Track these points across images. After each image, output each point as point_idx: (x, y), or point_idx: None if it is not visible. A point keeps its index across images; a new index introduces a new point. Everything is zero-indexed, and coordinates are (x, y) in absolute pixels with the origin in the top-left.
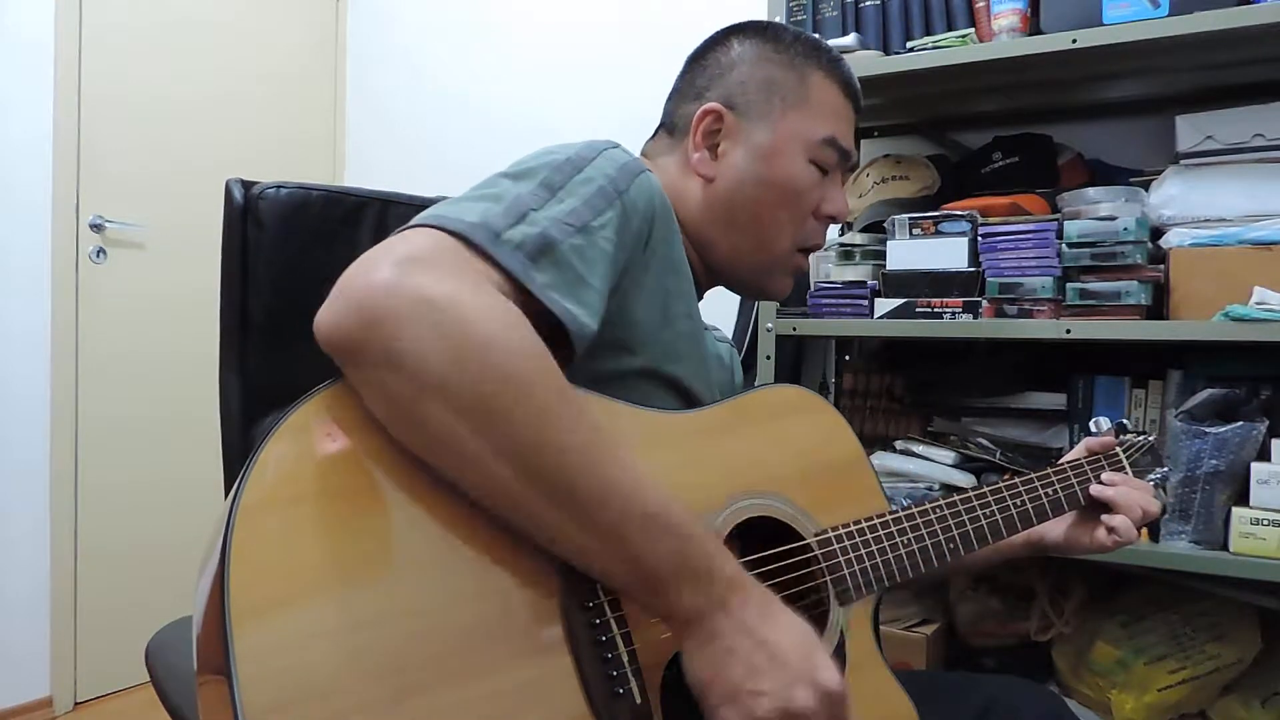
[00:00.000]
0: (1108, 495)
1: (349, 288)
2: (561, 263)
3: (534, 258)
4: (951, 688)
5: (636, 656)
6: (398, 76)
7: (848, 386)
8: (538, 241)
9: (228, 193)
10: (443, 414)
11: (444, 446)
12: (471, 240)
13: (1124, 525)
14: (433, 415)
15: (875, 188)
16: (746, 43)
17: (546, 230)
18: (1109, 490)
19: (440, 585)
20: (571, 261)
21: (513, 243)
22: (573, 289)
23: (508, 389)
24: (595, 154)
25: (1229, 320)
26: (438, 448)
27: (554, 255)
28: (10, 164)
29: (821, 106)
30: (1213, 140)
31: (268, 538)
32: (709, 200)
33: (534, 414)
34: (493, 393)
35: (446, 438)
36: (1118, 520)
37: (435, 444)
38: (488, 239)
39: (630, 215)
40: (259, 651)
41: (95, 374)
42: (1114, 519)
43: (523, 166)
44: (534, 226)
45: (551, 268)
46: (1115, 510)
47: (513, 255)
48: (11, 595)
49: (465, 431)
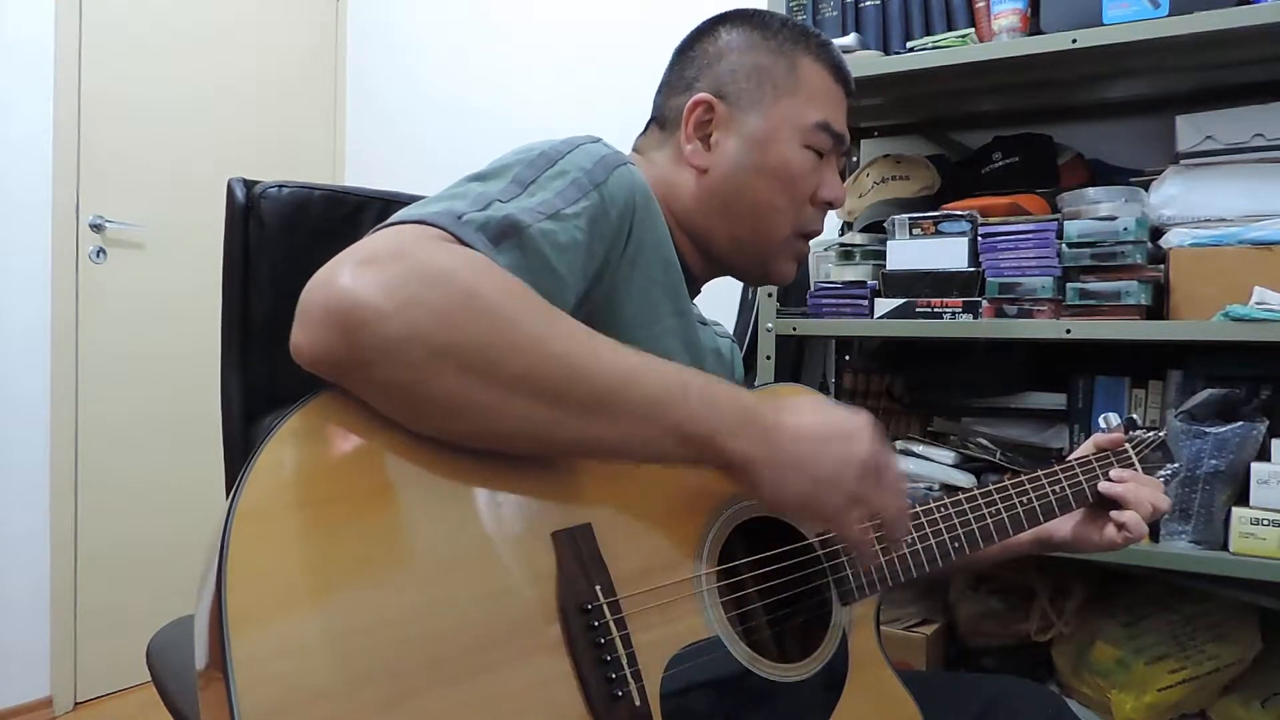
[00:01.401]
0: (1117, 492)
1: (315, 303)
2: (527, 246)
3: (496, 240)
4: (951, 688)
5: (636, 658)
6: (398, 76)
7: (848, 386)
8: (501, 224)
9: (230, 192)
10: (451, 378)
11: (464, 410)
12: (433, 224)
13: (1134, 522)
14: (442, 384)
15: (875, 188)
16: (734, 31)
17: (511, 214)
18: (1118, 487)
19: (438, 588)
20: (538, 246)
21: (475, 224)
22: (538, 274)
23: (501, 327)
24: (571, 148)
25: (1229, 320)
26: (458, 414)
27: (520, 238)
28: (10, 164)
29: (813, 91)
30: (1213, 140)
31: (265, 542)
32: (704, 191)
33: (533, 339)
34: (489, 338)
35: (463, 400)
36: (1128, 517)
37: (454, 412)
38: (449, 221)
39: (608, 207)
40: (256, 656)
41: (95, 374)
42: (1124, 515)
43: (495, 165)
44: (498, 212)
45: (516, 249)
46: (1125, 507)
47: (475, 236)
48: (11, 595)
49: (478, 384)
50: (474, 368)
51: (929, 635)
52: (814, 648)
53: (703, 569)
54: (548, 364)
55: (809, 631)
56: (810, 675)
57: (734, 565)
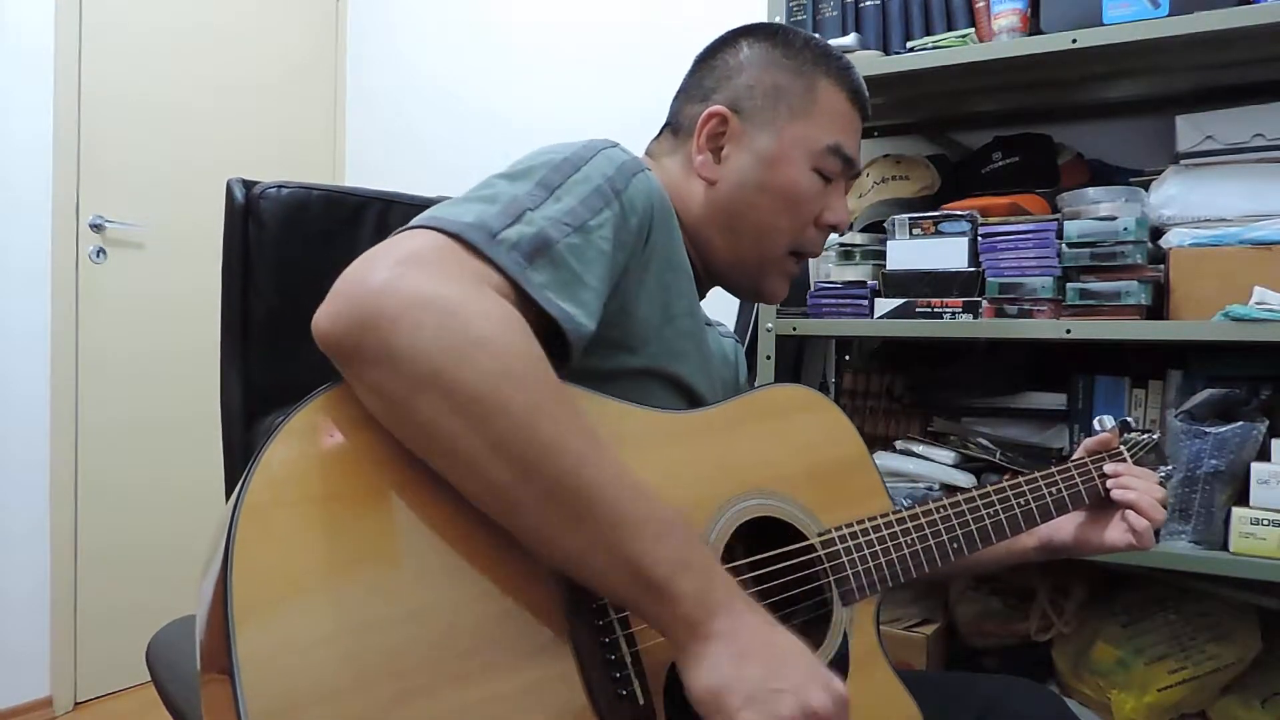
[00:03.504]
0: (1129, 499)
1: (346, 289)
2: (558, 262)
3: (530, 258)
4: (951, 688)
5: (640, 658)
6: (398, 76)
7: (848, 386)
8: (534, 241)
9: (229, 192)
10: (437, 411)
11: (439, 444)
12: (468, 240)
13: (1146, 530)
14: (427, 412)
15: (875, 188)
16: (756, 46)
17: (543, 230)
18: (1130, 494)
19: (443, 587)
20: (568, 261)
21: (509, 242)
22: (569, 289)
23: (502, 386)
24: (593, 153)
25: (1229, 320)
26: (433, 446)
27: (550, 255)
28: (10, 164)
29: (828, 114)
30: (1213, 140)
31: (270, 539)
32: (710, 203)
33: (528, 412)
34: (487, 390)
35: (441, 435)
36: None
37: (430, 442)
38: (484, 239)
39: (629, 214)
40: (261, 653)
41: (95, 374)
42: (1139, 522)
43: (520, 167)
44: (530, 226)
45: (548, 267)
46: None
47: (509, 255)
48: (11, 595)
49: (460, 428)
50: (459, 411)
51: (929, 635)
52: (815, 648)
53: None
54: (534, 439)
55: (810, 631)
56: None
57: (735, 565)
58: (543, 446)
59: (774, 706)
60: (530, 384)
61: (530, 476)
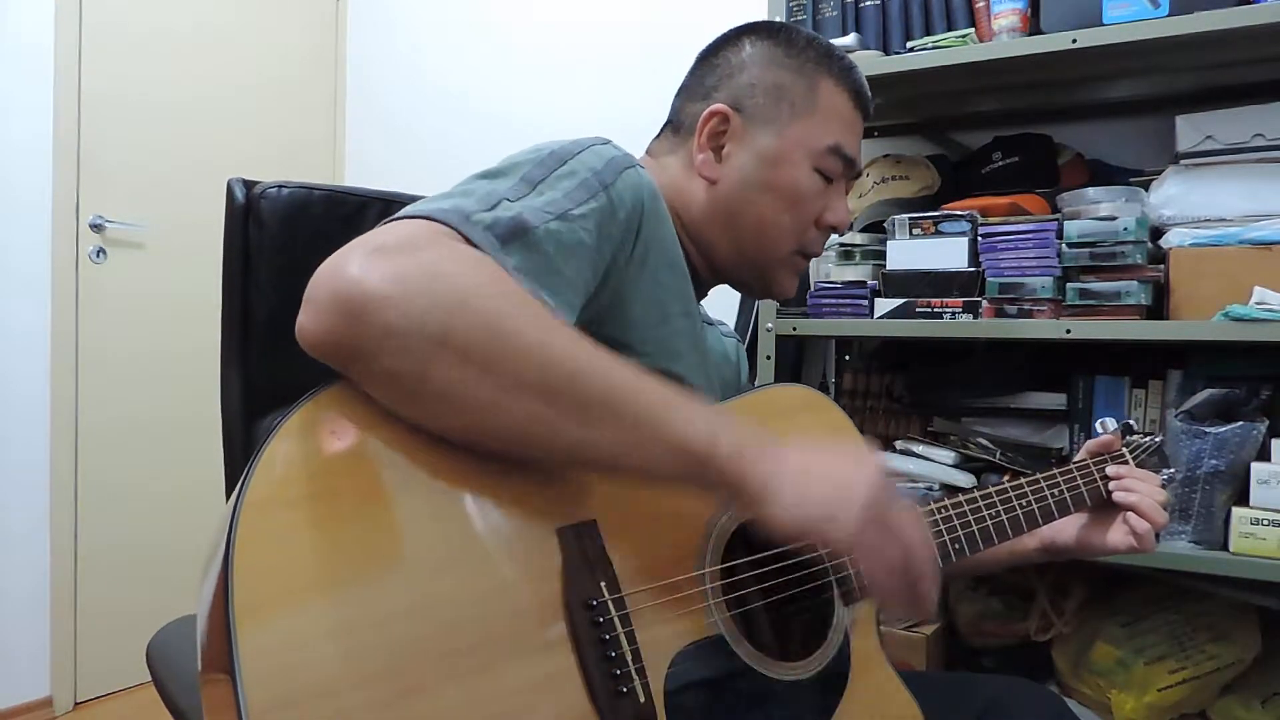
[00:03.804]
0: (1131, 501)
1: (324, 286)
2: (534, 247)
3: (505, 240)
4: (951, 688)
5: (640, 655)
6: (398, 76)
7: (848, 386)
8: (510, 224)
9: (229, 192)
10: (450, 369)
11: (462, 403)
12: (441, 220)
13: (1147, 533)
14: (440, 375)
15: (875, 188)
16: (759, 44)
17: (519, 215)
18: (1132, 496)
19: (445, 583)
20: (545, 248)
21: (483, 224)
22: (544, 276)
23: (504, 323)
24: (581, 149)
25: (1229, 320)
26: (455, 408)
27: (526, 239)
28: (10, 164)
29: (830, 114)
30: (1213, 140)
31: (271, 536)
32: (711, 202)
33: (534, 342)
34: (491, 333)
35: (461, 393)
36: (1144, 528)
37: (451, 405)
38: (458, 219)
39: (616, 208)
40: (262, 650)
41: (95, 374)
42: (1141, 525)
43: (505, 163)
44: (507, 212)
45: (522, 250)
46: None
47: (483, 235)
48: (11, 595)
49: (476, 377)
50: (474, 360)
51: (929, 635)
52: (816, 647)
53: (706, 567)
54: (548, 362)
55: (811, 631)
56: (812, 675)
57: (737, 564)
58: (558, 366)
59: (850, 500)
60: (528, 315)
61: (556, 396)
